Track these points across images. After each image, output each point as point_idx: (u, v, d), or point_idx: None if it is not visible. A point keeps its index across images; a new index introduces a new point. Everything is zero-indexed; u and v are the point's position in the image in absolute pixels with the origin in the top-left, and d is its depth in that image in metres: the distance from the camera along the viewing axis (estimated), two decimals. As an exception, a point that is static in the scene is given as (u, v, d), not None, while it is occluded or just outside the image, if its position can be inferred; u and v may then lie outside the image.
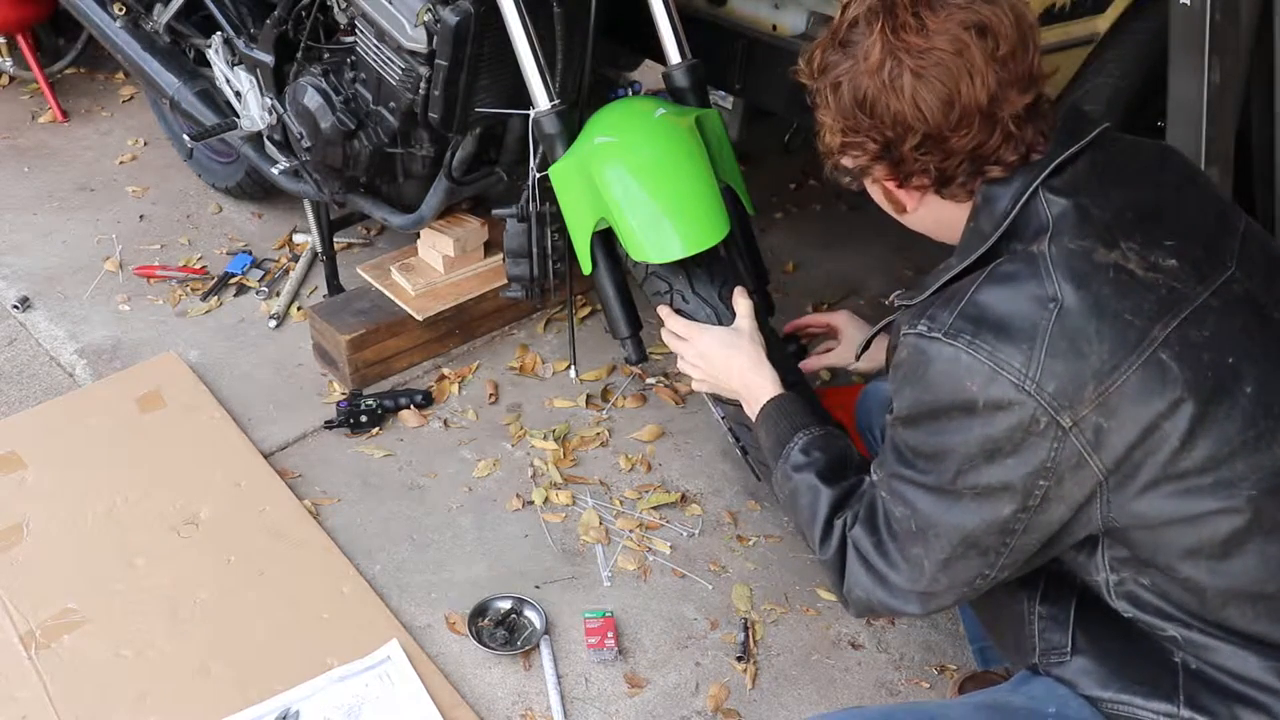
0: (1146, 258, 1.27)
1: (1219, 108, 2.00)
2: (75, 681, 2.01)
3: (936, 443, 1.32)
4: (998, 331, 1.26)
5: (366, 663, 2.03)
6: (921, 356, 1.30)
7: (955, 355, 1.27)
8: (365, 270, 2.78)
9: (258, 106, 2.69)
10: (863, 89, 1.31)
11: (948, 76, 1.27)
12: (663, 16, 2.20)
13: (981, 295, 1.29)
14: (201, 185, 3.46)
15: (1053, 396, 1.23)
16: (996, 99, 1.28)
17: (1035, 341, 1.24)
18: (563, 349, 2.80)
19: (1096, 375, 1.23)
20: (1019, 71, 1.29)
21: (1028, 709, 1.38)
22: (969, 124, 1.28)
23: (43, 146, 3.72)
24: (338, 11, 2.43)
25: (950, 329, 1.28)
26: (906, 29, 1.28)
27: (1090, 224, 1.29)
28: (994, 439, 1.27)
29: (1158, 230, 1.31)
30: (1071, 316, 1.24)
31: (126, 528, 2.30)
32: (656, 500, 2.39)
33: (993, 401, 1.25)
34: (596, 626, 2.11)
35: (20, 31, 3.78)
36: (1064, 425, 1.24)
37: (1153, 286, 1.26)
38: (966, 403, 1.27)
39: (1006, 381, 1.24)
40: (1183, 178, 1.42)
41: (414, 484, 2.46)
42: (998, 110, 1.29)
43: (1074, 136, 1.34)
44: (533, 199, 2.22)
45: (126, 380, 2.68)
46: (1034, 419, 1.24)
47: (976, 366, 1.26)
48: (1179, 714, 1.31)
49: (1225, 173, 2.06)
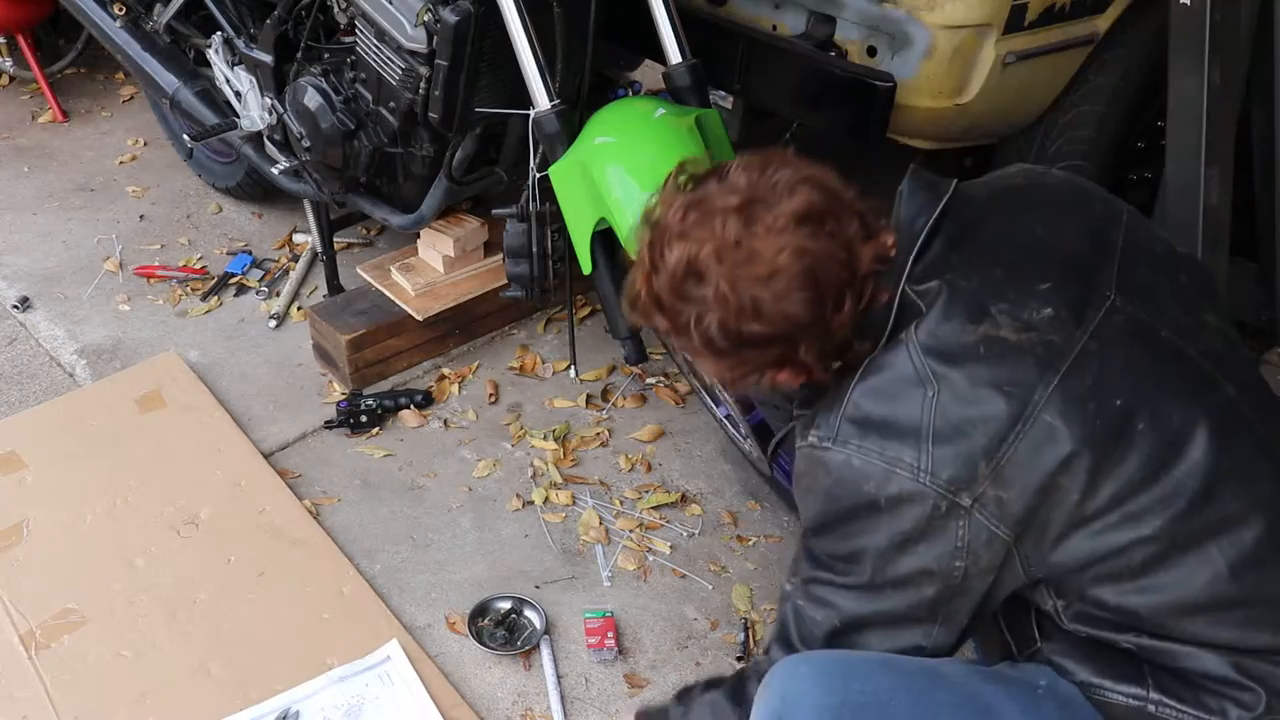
0: (1018, 317, 1.29)
1: (1219, 108, 2.00)
2: (75, 681, 2.01)
3: (849, 545, 1.35)
4: (883, 430, 1.29)
5: (366, 663, 2.03)
6: (817, 467, 1.34)
7: (847, 460, 1.31)
8: (365, 270, 2.78)
9: (258, 106, 2.69)
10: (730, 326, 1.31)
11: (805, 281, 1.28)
12: (663, 16, 2.20)
13: (859, 395, 1.32)
14: (201, 185, 3.46)
15: (948, 482, 1.27)
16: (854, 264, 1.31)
17: (920, 434, 1.27)
18: (563, 349, 2.80)
19: (986, 453, 1.26)
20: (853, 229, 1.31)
21: (1020, 679, 1.40)
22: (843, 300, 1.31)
23: (43, 146, 3.72)
24: (338, 11, 2.43)
25: (838, 436, 1.31)
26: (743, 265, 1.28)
27: (957, 301, 1.30)
28: (903, 531, 1.30)
29: (1030, 279, 1.31)
30: (950, 402, 1.27)
31: (126, 528, 2.30)
32: (656, 500, 2.39)
33: (893, 498, 1.29)
34: (596, 626, 2.11)
35: (20, 31, 3.79)
36: (964, 505, 1.27)
37: (1028, 349, 1.27)
38: (869, 504, 1.30)
39: (902, 477, 1.28)
40: (1048, 208, 1.42)
41: (414, 484, 2.46)
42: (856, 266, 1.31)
43: (925, 213, 1.35)
44: (533, 199, 2.23)
45: (126, 380, 2.68)
46: (935, 507, 1.28)
47: (870, 468, 1.29)
48: (1149, 696, 1.33)
49: (1225, 173, 2.06)
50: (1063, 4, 2.23)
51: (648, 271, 1.35)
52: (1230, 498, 1.27)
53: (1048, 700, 1.37)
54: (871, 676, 1.37)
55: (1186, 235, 2.12)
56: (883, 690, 1.36)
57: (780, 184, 1.31)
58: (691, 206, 1.32)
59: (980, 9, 2.17)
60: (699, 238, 1.30)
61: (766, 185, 1.31)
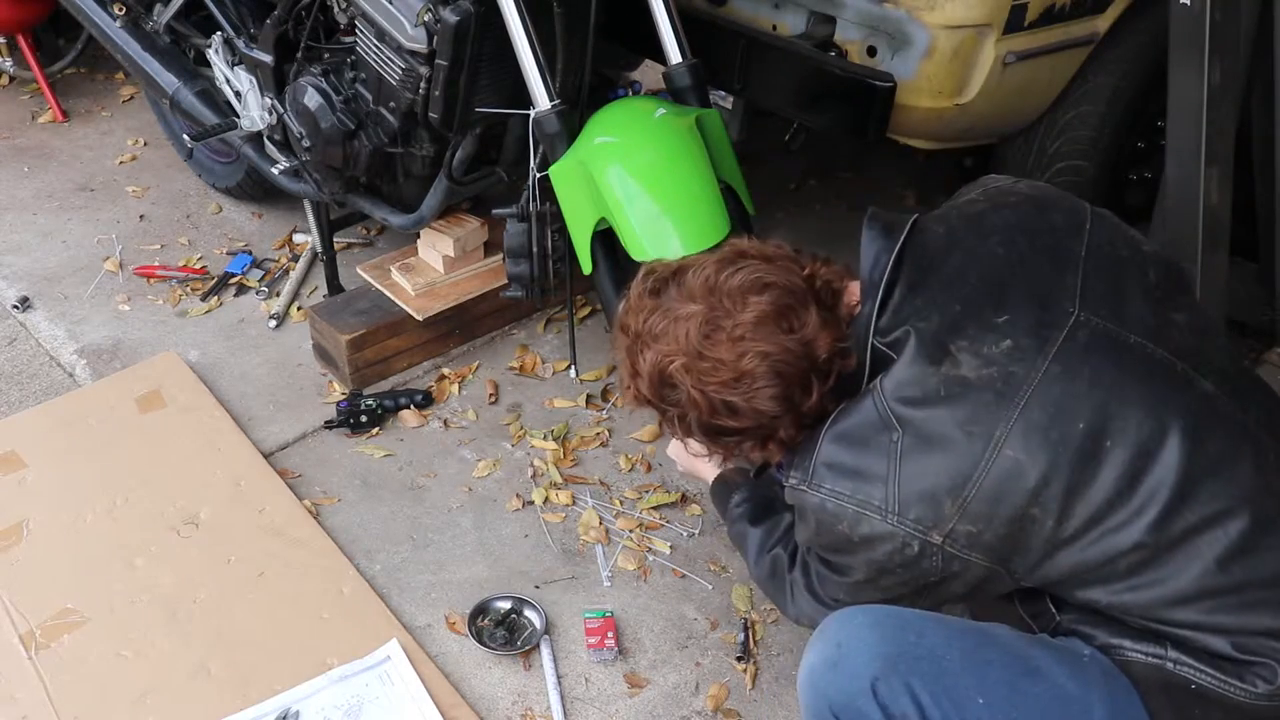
0: (979, 353, 1.32)
1: (1219, 108, 2.01)
2: (75, 681, 2.01)
3: (836, 561, 1.49)
4: (853, 475, 1.37)
5: (366, 663, 2.03)
6: (798, 504, 1.45)
7: (821, 504, 1.40)
8: (365, 270, 2.78)
9: (258, 106, 2.69)
10: (705, 420, 1.45)
11: (770, 379, 1.39)
12: (663, 16, 2.20)
13: (830, 440, 1.40)
14: (201, 185, 3.46)
15: (916, 522, 1.33)
16: (813, 355, 1.40)
17: (888, 477, 1.34)
18: (563, 349, 2.80)
19: (951, 492, 1.30)
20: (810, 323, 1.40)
21: (1065, 647, 1.43)
22: (809, 391, 1.41)
23: (43, 146, 3.72)
24: (338, 11, 2.43)
25: (813, 479, 1.40)
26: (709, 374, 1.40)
27: (920, 344, 1.35)
28: (879, 563, 1.40)
29: (988, 311, 1.35)
30: (914, 444, 1.33)
31: (126, 528, 2.30)
32: (656, 500, 2.39)
33: (864, 538, 1.37)
34: (596, 626, 2.11)
35: (20, 31, 3.79)
36: (935, 543, 1.33)
37: (987, 385, 1.31)
38: (844, 541, 1.41)
39: (871, 519, 1.36)
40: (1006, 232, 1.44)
41: (414, 484, 2.46)
42: (817, 355, 1.40)
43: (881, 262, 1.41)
44: (533, 199, 2.23)
45: (126, 380, 2.68)
46: (906, 544, 1.34)
47: (841, 511, 1.38)
48: (1167, 654, 1.36)
49: (1225, 173, 2.06)
50: (1063, 4, 2.23)
51: (631, 374, 1.48)
52: (1209, 497, 1.29)
53: (1093, 668, 1.40)
54: (926, 632, 1.41)
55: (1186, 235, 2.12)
56: (937, 644, 1.39)
57: (735, 289, 1.40)
58: (653, 316, 1.43)
59: (980, 9, 2.17)
60: (666, 351, 1.42)
61: (724, 292, 1.40)
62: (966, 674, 1.37)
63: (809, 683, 1.43)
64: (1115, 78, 2.40)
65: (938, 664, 1.37)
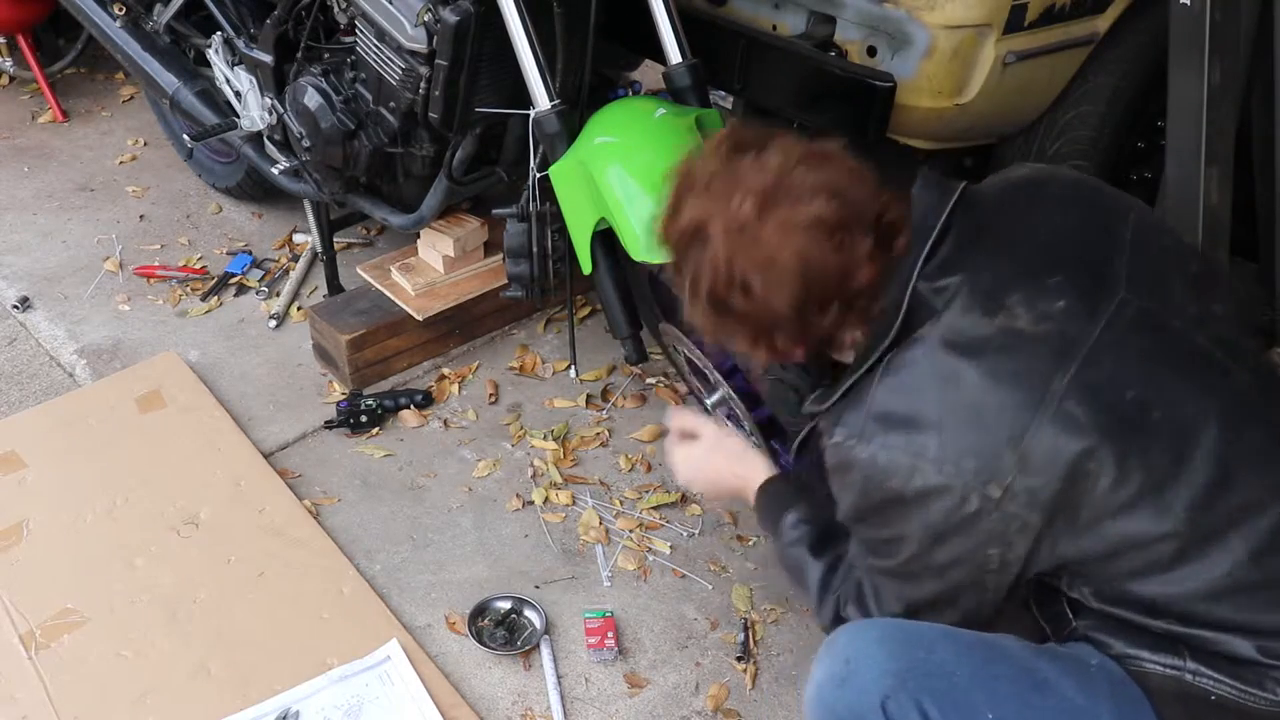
0: (1034, 306, 1.30)
1: (1219, 108, 2.01)
2: (75, 681, 2.01)
3: (885, 533, 1.39)
4: (906, 425, 1.31)
5: (366, 663, 2.03)
6: (844, 464, 1.37)
7: (872, 458, 1.32)
8: (365, 270, 2.78)
9: (258, 106, 2.69)
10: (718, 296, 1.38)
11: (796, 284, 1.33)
12: (663, 16, 2.20)
13: (883, 392, 1.34)
14: (201, 185, 3.46)
15: (974, 473, 1.27)
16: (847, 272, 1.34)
17: (943, 427, 1.28)
18: (563, 349, 2.80)
19: (1010, 443, 1.27)
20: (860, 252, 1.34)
21: (1072, 656, 1.41)
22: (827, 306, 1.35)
23: (43, 146, 3.72)
24: (338, 11, 2.43)
25: (863, 433, 1.33)
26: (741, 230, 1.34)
27: (972, 295, 1.32)
28: (934, 525, 1.32)
29: (1042, 272, 1.33)
30: (970, 394, 1.28)
31: (126, 528, 2.30)
32: (656, 500, 2.39)
33: (920, 492, 1.30)
34: (596, 626, 2.11)
35: (20, 31, 3.78)
36: (993, 497, 1.28)
37: (1044, 339, 1.29)
38: (896, 498, 1.32)
39: (927, 471, 1.29)
40: (1058, 203, 1.43)
41: (414, 484, 2.46)
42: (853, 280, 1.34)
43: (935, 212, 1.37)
44: (533, 199, 2.23)
45: (126, 380, 2.68)
46: (964, 499, 1.28)
47: (894, 464, 1.31)
48: (1185, 665, 1.33)
49: (1225, 173, 2.06)
50: (1063, 4, 2.23)
51: (668, 212, 1.41)
52: (1243, 487, 1.28)
53: (1100, 678, 1.38)
54: (935, 646, 1.39)
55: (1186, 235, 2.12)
56: (947, 660, 1.37)
57: (807, 184, 1.33)
58: (720, 173, 1.37)
59: (980, 9, 2.17)
60: (714, 209, 1.35)
61: (794, 180, 1.34)
62: (976, 689, 1.36)
63: (817, 699, 1.40)
64: (1115, 78, 2.40)
65: (948, 680, 1.36)
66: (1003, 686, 1.37)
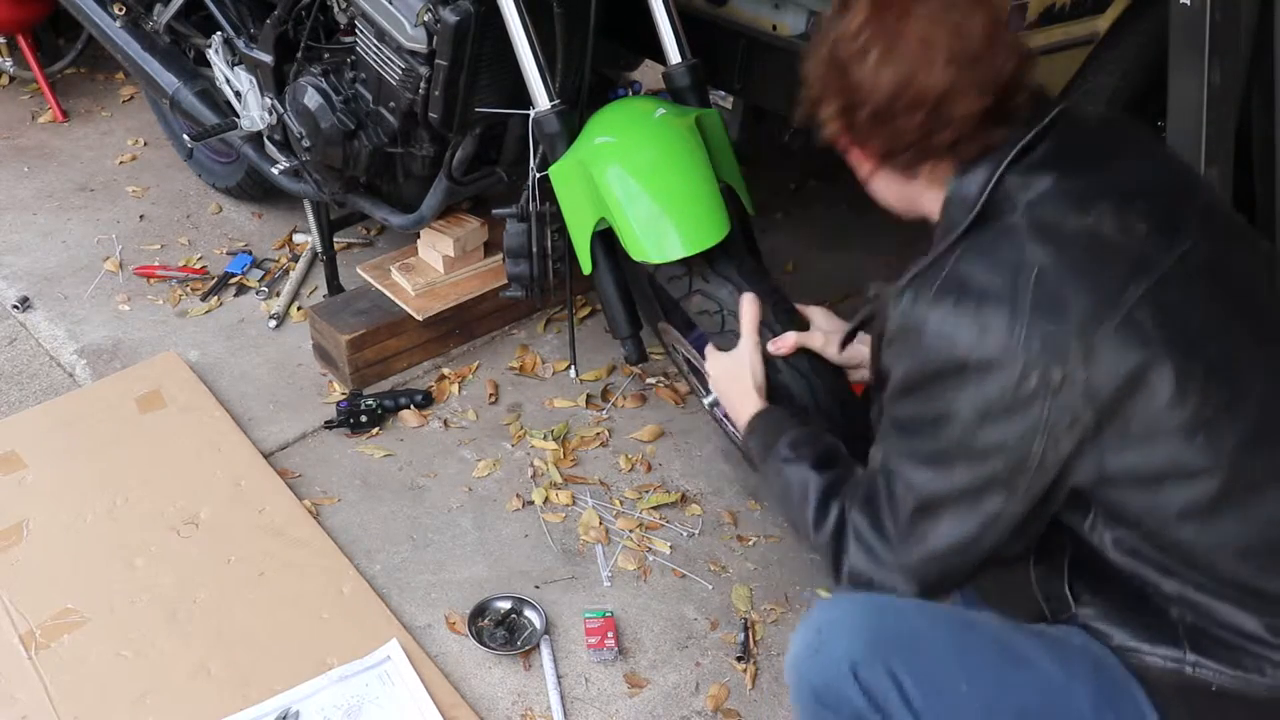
0: (1121, 220, 1.32)
1: (1219, 108, 2.00)
2: (75, 681, 2.01)
3: (933, 409, 1.35)
4: (980, 297, 1.30)
5: (366, 663, 2.03)
6: (910, 324, 1.35)
7: (942, 319, 1.32)
8: (365, 270, 2.78)
9: (258, 106, 2.69)
10: (838, 51, 1.39)
11: (907, 63, 1.34)
12: (663, 16, 2.20)
13: (963, 266, 1.34)
14: (201, 185, 3.46)
15: (1039, 353, 1.27)
16: (949, 96, 1.34)
17: (1017, 303, 1.28)
18: (563, 349, 2.80)
19: (1079, 331, 1.27)
20: (981, 76, 1.34)
21: (1054, 635, 1.42)
22: (917, 111, 1.35)
23: (43, 146, 3.72)
24: (338, 11, 2.43)
25: (936, 295, 1.33)
26: (889, 9, 1.36)
27: (1061, 194, 1.34)
28: (988, 400, 1.30)
29: (1129, 195, 1.36)
30: (1049, 278, 1.29)
31: (126, 528, 2.30)
32: (656, 500, 2.39)
33: (982, 362, 1.29)
34: (596, 626, 2.11)
35: (20, 31, 3.78)
36: (1053, 381, 1.27)
37: (1125, 250, 1.31)
38: (958, 364, 1.31)
39: (993, 341, 1.28)
40: (1144, 150, 1.47)
41: (414, 484, 2.46)
42: (949, 108, 1.34)
43: (1035, 119, 1.38)
44: (533, 199, 2.23)
45: (126, 380, 2.68)
46: (1024, 376, 1.28)
47: (963, 328, 1.30)
48: (1185, 658, 1.34)
49: (1225, 173, 2.06)
50: (1063, 4, 2.23)
51: None
52: None
53: (1081, 658, 1.38)
54: (907, 616, 1.40)
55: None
56: (920, 628, 1.39)
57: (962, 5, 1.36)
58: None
59: (980, 9, 2.16)
60: None
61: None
62: (950, 659, 1.38)
63: (793, 669, 1.42)
64: (1115, 78, 2.40)
65: (920, 648, 1.37)
66: (978, 658, 1.39)
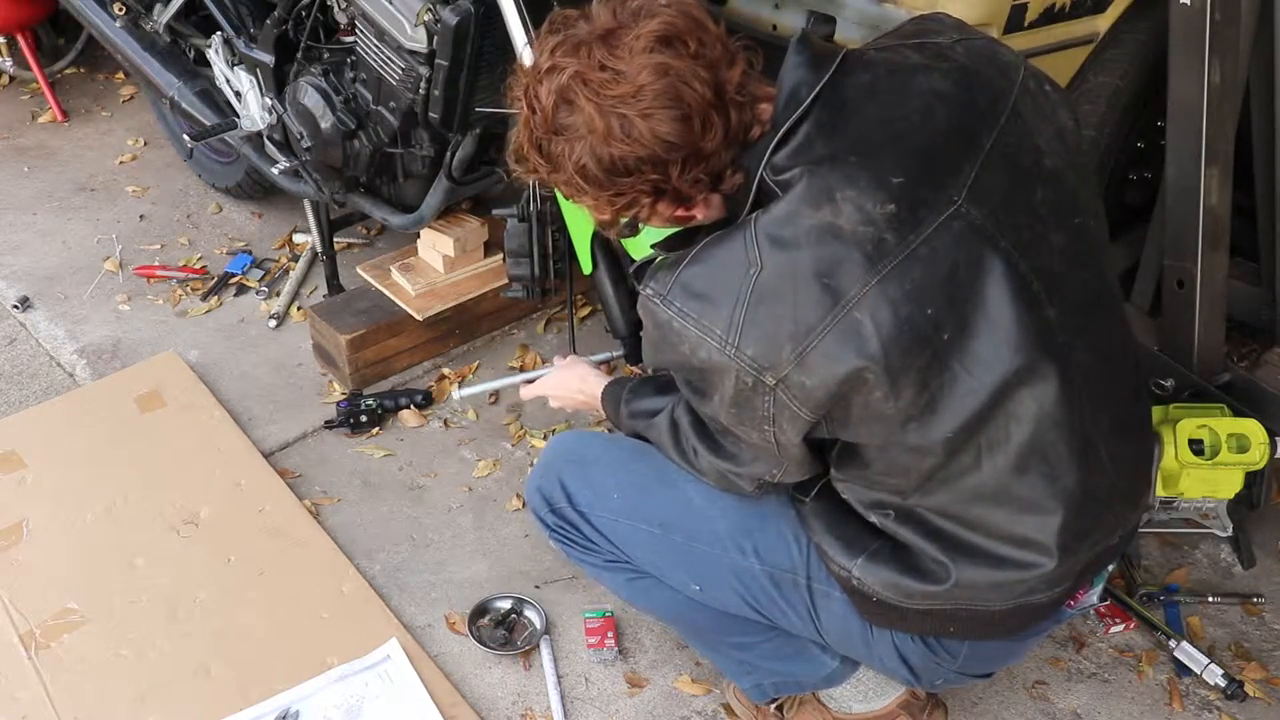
0: (862, 207, 1.31)
1: (1219, 108, 2.01)
2: (75, 681, 2.01)
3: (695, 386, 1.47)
4: (703, 299, 1.36)
5: (366, 662, 2.03)
6: (648, 318, 1.43)
7: (669, 320, 1.38)
8: (365, 270, 2.78)
9: (258, 106, 2.68)
10: (607, 156, 1.34)
11: (669, 99, 1.32)
12: (663, 16, 2.20)
13: (694, 262, 1.38)
14: (201, 185, 3.46)
15: (752, 359, 1.33)
16: (719, 86, 1.34)
17: (735, 308, 1.33)
18: (563, 349, 2.79)
19: (792, 337, 1.31)
20: (717, 53, 1.35)
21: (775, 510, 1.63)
22: (711, 122, 1.34)
23: (43, 146, 3.72)
24: (338, 11, 2.43)
25: (667, 295, 1.38)
26: (607, 86, 1.32)
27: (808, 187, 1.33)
28: (726, 392, 1.39)
29: (884, 171, 1.33)
30: (769, 282, 1.32)
31: (126, 528, 2.30)
32: (656, 500, 2.39)
33: (703, 364, 1.38)
34: (597, 626, 2.12)
35: (20, 31, 3.78)
36: (768, 384, 1.34)
37: (859, 242, 1.30)
38: (685, 362, 1.40)
39: (711, 346, 1.35)
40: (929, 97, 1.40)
41: (414, 484, 2.46)
42: (725, 94, 1.35)
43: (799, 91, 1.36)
44: (533, 199, 2.23)
45: (126, 380, 2.68)
46: (740, 379, 1.35)
47: (685, 332, 1.37)
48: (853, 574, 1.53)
49: (1225, 173, 2.06)
50: (1063, 4, 2.23)
51: (526, 115, 1.40)
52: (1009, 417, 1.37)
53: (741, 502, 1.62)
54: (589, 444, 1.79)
55: (1186, 235, 2.12)
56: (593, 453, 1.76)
57: (642, 10, 1.35)
58: (559, 44, 1.37)
59: (980, 9, 2.16)
60: (565, 67, 1.35)
61: (628, 13, 1.35)
62: (608, 475, 1.72)
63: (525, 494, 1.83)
64: (1115, 78, 2.40)
65: (587, 465, 1.74)
66: (633, 477, 1.70)
